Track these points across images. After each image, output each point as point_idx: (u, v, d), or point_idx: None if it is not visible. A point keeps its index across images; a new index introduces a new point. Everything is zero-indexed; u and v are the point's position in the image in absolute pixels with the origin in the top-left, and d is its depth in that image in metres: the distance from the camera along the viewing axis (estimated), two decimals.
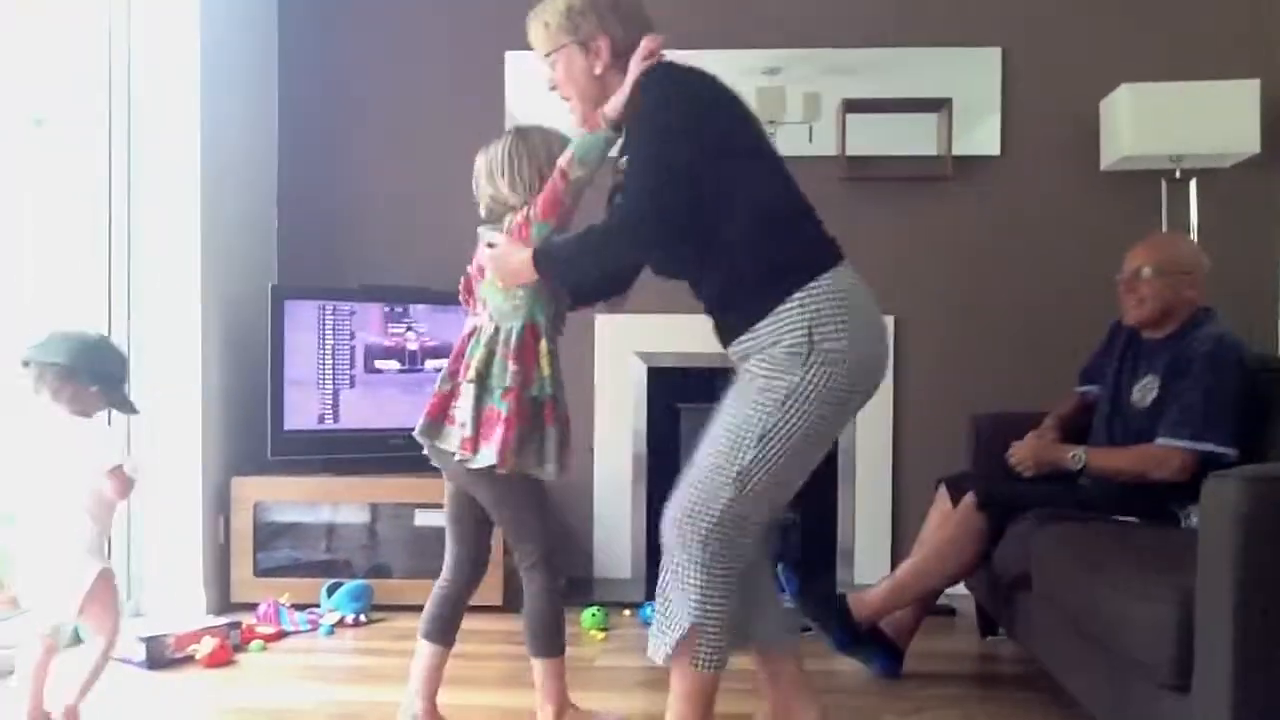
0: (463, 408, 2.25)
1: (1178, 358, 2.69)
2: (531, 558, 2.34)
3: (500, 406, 2.21)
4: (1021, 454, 2.88)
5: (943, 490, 2.95)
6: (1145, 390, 2.77)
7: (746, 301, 2.04)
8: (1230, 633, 1.57)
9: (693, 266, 2.15)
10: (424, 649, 2.42)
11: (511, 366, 2.22)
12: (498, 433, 2.20)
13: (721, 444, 2.02)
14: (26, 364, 2.39)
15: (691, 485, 2.05)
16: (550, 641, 2.35)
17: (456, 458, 2.26)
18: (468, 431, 2.23)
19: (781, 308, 2.00)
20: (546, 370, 2.26)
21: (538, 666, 2.37)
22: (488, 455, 2.20)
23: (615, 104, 2.13)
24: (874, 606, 2.80)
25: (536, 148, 2.28)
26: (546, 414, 2.26)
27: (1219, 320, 2.76)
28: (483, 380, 2.24)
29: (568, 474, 2.33)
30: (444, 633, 2.43)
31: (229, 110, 3.70)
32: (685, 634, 2.01)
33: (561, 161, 2.17)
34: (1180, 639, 1.70)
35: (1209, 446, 2.53)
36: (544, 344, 2.27)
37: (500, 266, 2.21)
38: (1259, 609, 1.56)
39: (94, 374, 2.43)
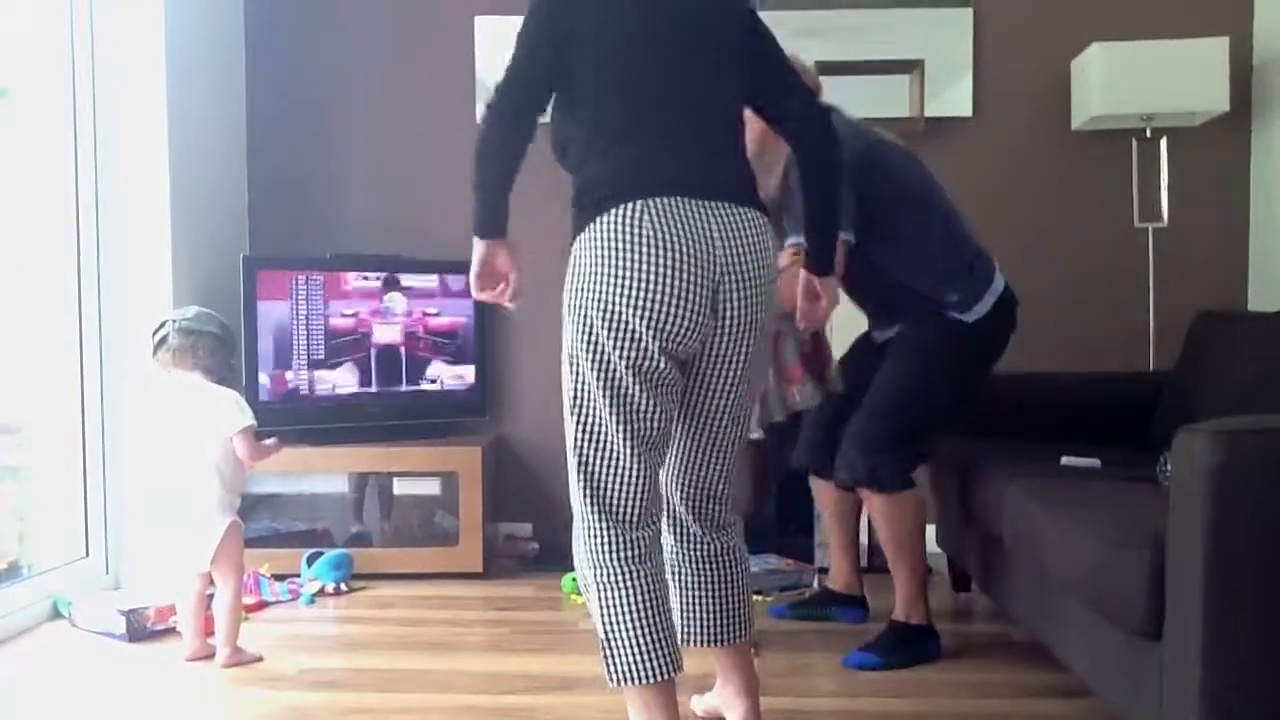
0: None
1: None
2: None
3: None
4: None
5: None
6: None
7: (571, 223, 1.96)
8: (1201, 582, 1.60)
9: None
10: None
11: None
12: None
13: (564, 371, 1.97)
14: (184, 332, 2.71)
15: None
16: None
17: None
18: None
19: (574, 243, 1.93)
20: None
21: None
22: None
23: None
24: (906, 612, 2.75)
25: None
26: None
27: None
28: None
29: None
30: None
31: (196, 79, 3.65)
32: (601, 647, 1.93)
33: None
34: (1152, 587, 1.73)
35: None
36: None
37: None
38: (1229, 560, 1.59)
39: (235, 347, 2.83)
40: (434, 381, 3.84)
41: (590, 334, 1.88)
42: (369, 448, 3.63)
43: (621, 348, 1.86)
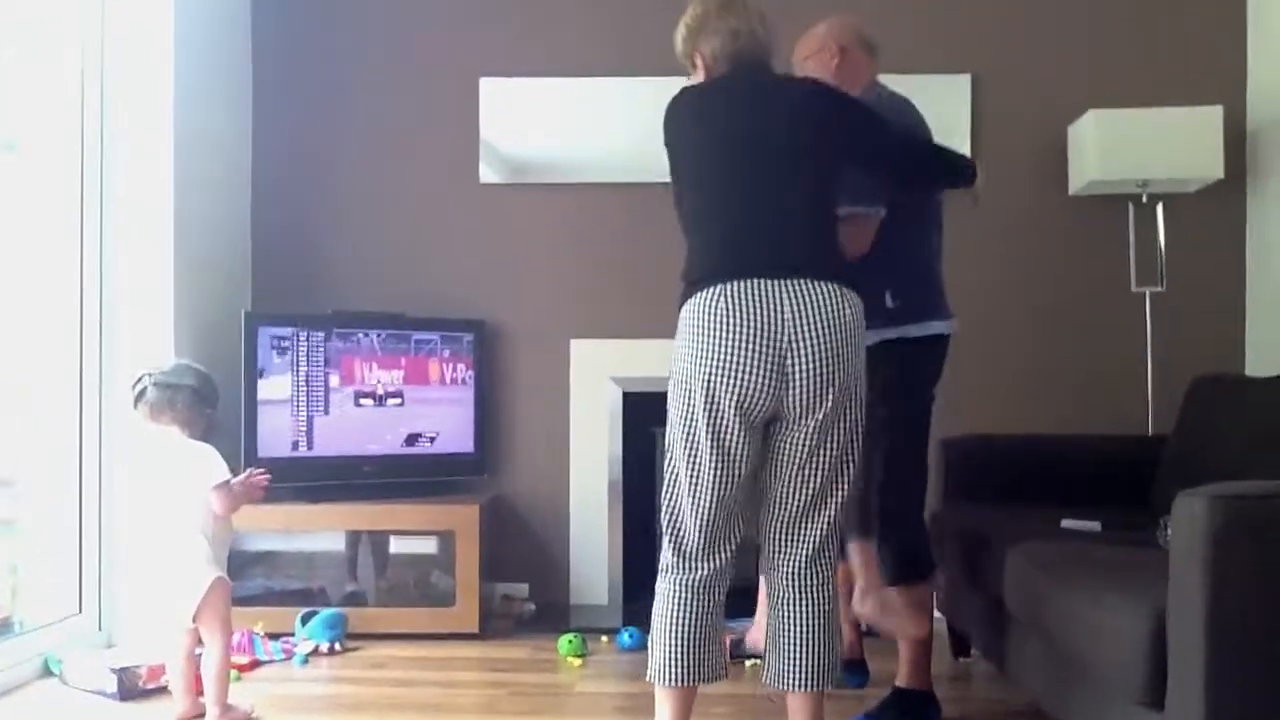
0: None
1: None
2: None
3: None
4: None
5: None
6: None
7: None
8: (1202, 649, 1.58)
9: None
10: None
11: None
12: None
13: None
14: (160, 386, 2.69)
15: None
16: None
17: None
18: None
19: (679, 313, 2.25)
20: None
21: None
22: None
23: None
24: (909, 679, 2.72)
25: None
26: None
27: None
28: None
29: None
30: None
31: (203, 135, 3.70)
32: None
33: None
34: (1153, 655, 1.71)
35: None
36: None
37: None
38: (1230, 624, 1.58)
39: (214, 400, 2.78)
40: (433, 440, 3.84)
41: (680, 393, 2.22)
42: (365, 505, 3.61)
43: (706, 407, 2.16)
